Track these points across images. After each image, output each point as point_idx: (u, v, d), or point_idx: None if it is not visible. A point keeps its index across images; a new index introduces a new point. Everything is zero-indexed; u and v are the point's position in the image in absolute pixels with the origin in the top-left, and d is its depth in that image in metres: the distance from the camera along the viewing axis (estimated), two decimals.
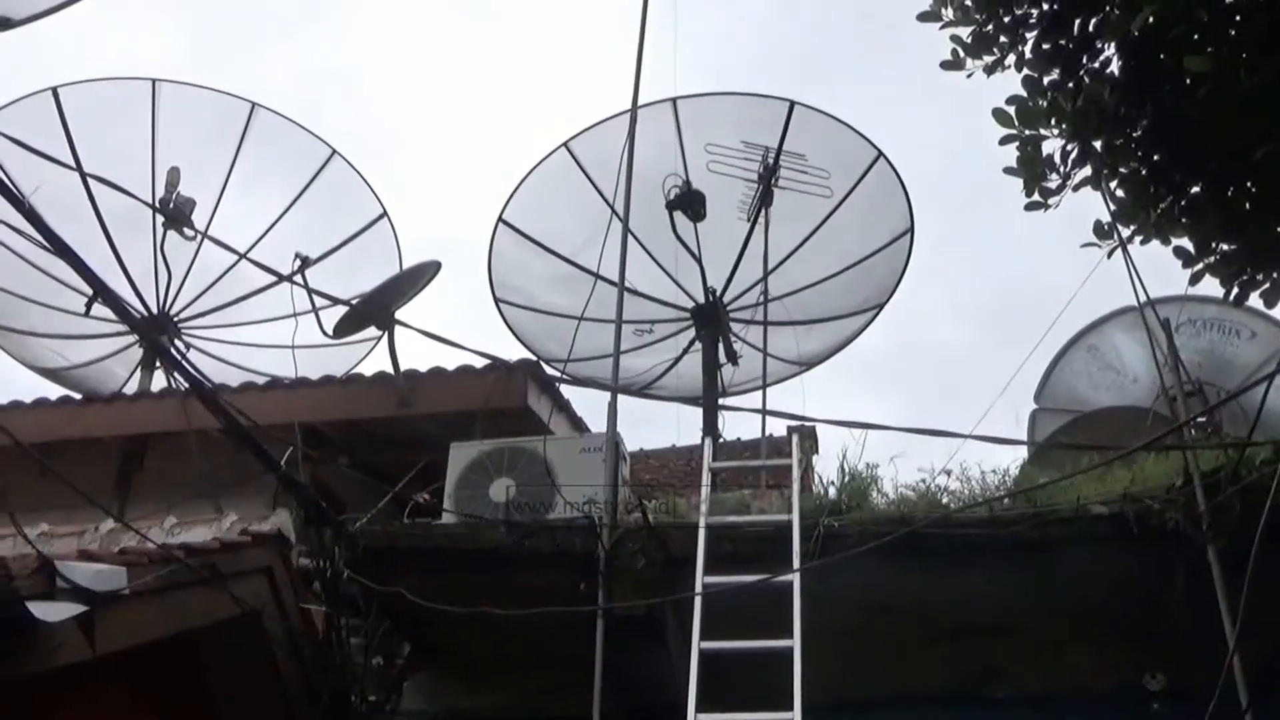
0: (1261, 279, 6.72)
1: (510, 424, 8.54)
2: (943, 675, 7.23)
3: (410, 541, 6.87)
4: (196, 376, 6.94)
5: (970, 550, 6.53)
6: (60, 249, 4.61)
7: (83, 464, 8.84)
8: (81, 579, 5.49)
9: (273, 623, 6.90)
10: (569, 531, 6.67)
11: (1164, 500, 6.31)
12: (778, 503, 7.18)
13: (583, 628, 6.54)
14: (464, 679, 7.80)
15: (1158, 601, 6.72)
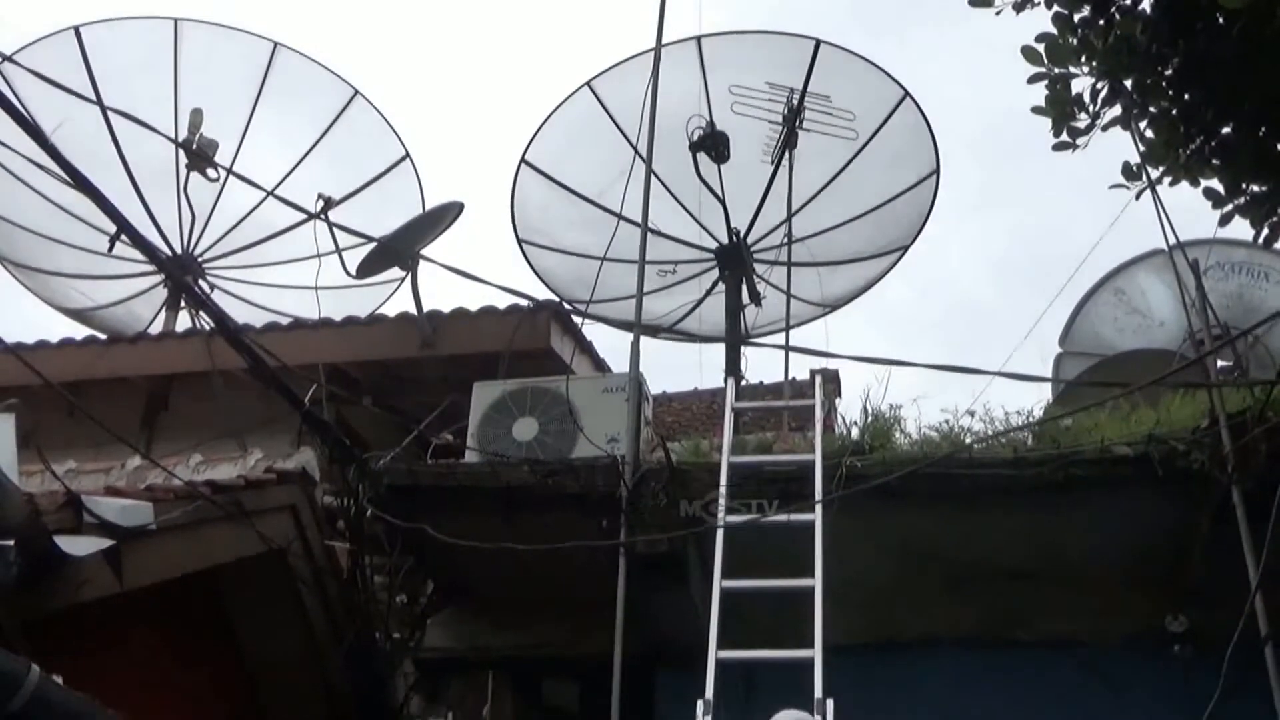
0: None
1: (533, 365, 8.54)
2: (965, 618, 7.23)
3: (434, 480, 6.88)
4: (221, 316, 6.95)
5: (993, 492, 6.51)
6: (81, 183, 4.61)
7: (109, 404, 8.90)
8: (108, 514, 5.54)
9: (297, 560, 6.95)
10: (591, 471, 6.67)
11: (1189, 442, 6.27)
12: (801, 444, 7.17)
13: (605, 568, 6.56)
14: (487, 618, 7.85)
15: (1181, 544, 6.70)
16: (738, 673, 6.12)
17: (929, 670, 7.08)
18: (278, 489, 6.90)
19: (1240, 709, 6.32)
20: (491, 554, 7.11)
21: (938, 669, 7.08)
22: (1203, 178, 6.82)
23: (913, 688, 7.06)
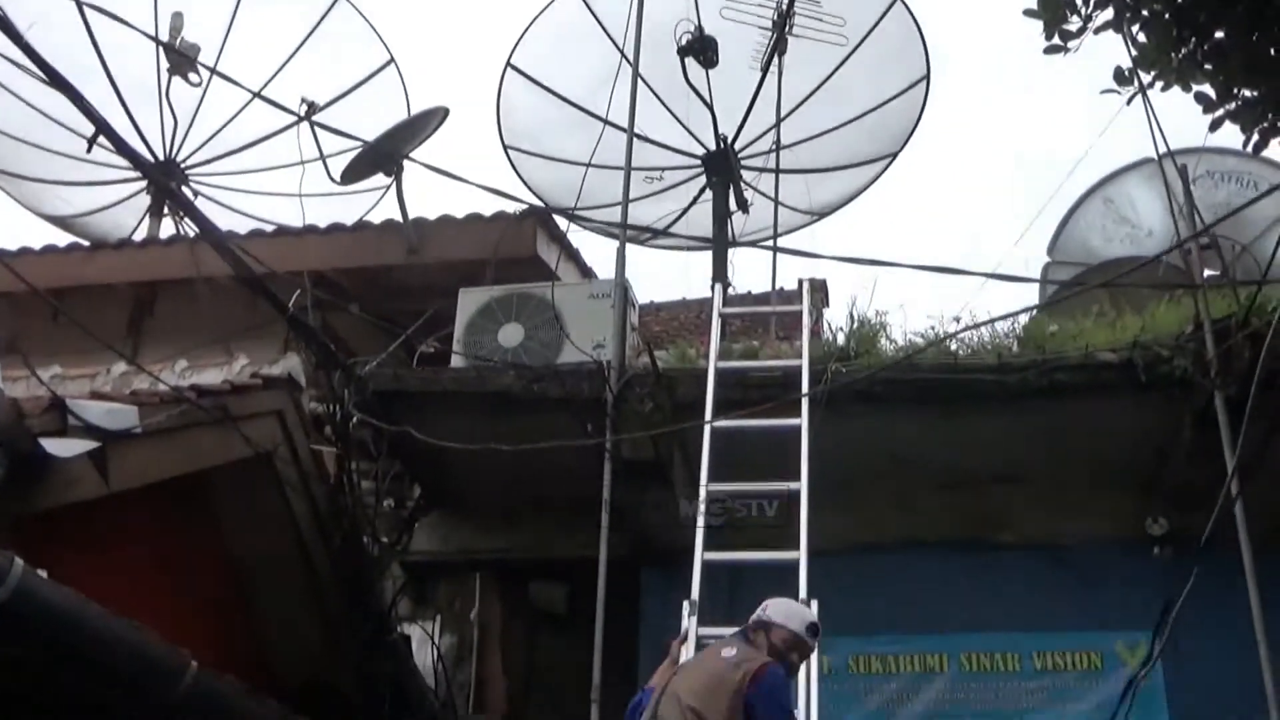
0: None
1: (519, 272, 8.49)
2: (949, 522, 7.32)
3: (420, 385, 6.88)
4: (206, 221, 6.89)
5: (978, 398, 6.55)
6: (57, 81, 4.53)
7: (94, 311, 8.83)
8: (93, 417, 5.53)
9: (284, 464, 6.95)
10: (577, 376, 6.68)
11: (1173, 348, 6.30)
12: (787, 352, 7.18)
13: (591, 472, 6.60)
14: (474, 522, 7.92)
15: (1164, 449, 6.76)
16: (723, 574, 6.18)
17: (912, 572, 7.17)
18: (264, 394, 6.88)
19: (1218, 609, 6.44)
20: (477, 458, 7.14)
21: (921, 571, 7.17)
22: (1194, 82, 6.75)
23: (896, 589, 7.16)
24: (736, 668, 4.59)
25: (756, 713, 4.50)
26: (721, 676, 4.57)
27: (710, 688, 4.53)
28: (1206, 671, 6.66)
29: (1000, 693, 6.93)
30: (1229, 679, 6.38)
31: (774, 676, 4.60)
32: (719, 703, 4.47)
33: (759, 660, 4.64)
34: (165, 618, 4.09)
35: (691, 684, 4.59)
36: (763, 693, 4.51)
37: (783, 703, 4.59)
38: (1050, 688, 6.82)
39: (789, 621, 4.85)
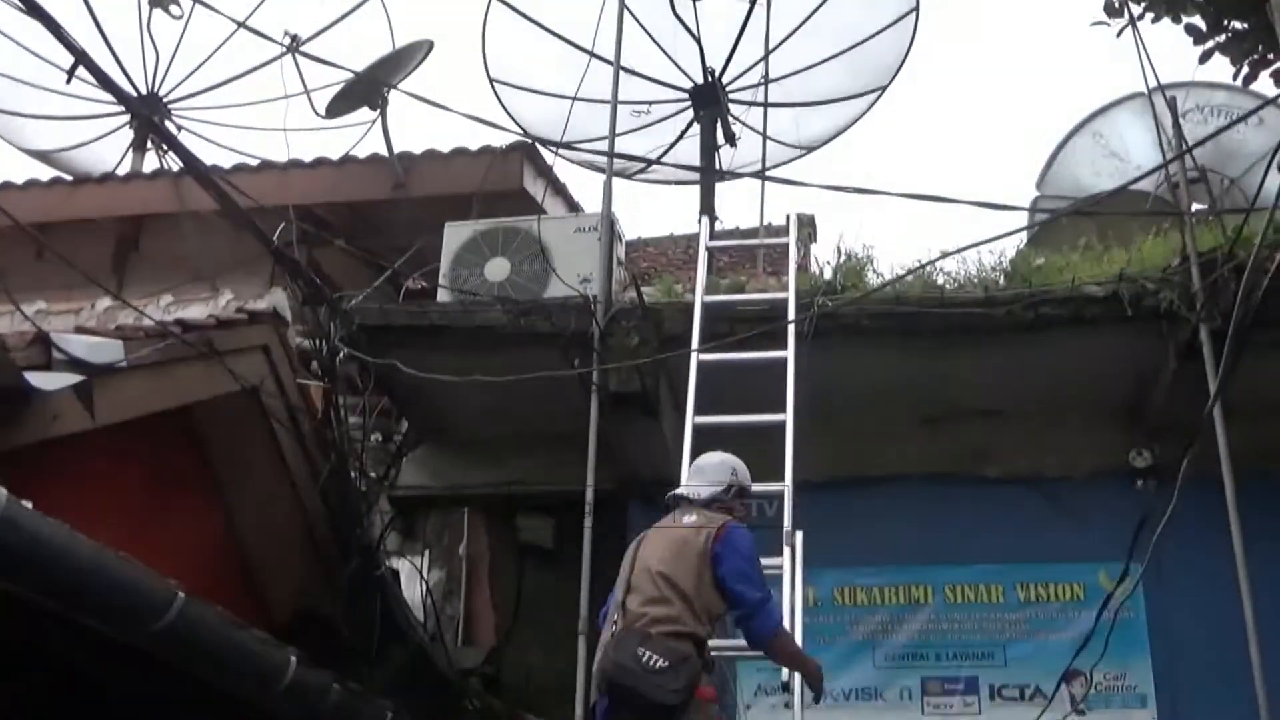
0: (1273, 58, 6.57)
1: (506, 207, 8.46)
2: (934, 455, 7.36)
3: (406, 320, 6.87)
4: (190, 155, 6.82)
5: (964, 331, 6.56)
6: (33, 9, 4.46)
7: (77, 246, 8.75)
8: (77, 351, 5.51)
9: (271, 399, 6.94)
10: (564, 310, 6.66)
11: (1159, 281, 6.30)
12: (774, 286, 7.17)
13: (578, 406, 6.60)
14: (462, 456, 7.93)
15: (1148, 382, 6.79)
16: None
17: (897, 505, 7.22)
18: (249, 329, 6.86)
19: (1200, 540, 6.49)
20: (464, 392, 7.14)
21: (907, 504, 7.22)
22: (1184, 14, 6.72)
23: (881, 522, 7.20)
24: (699, 531, 4.75)
25: (722, 565, 4.63)
26: (685, 540, 4.73)
27: (677, 552, 4.68)
28: (1188, 601, 6.74)
29: (984, 623, 7.01)
30: (1210, 608, 6.47)
31: (735, 531, 4.78)
32: (687, 564, 4.63)
33: (719, 520, 4.80)
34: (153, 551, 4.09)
35: (660, 553, 4.72)
36: (727, 547, 4.67)
37: (744, 553, 4.72)
38: (1033, 618, 6.90)
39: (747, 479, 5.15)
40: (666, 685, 4.30)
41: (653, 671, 4.32)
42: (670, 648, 4.40)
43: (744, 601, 4.62)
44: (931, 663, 6.97)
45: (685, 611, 4.52)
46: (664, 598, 4.53)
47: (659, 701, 4.30)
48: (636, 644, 4.41)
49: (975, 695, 6.86)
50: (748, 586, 4.63)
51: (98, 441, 5.72)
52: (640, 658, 4.36)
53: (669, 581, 4.56)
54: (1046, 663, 6.60)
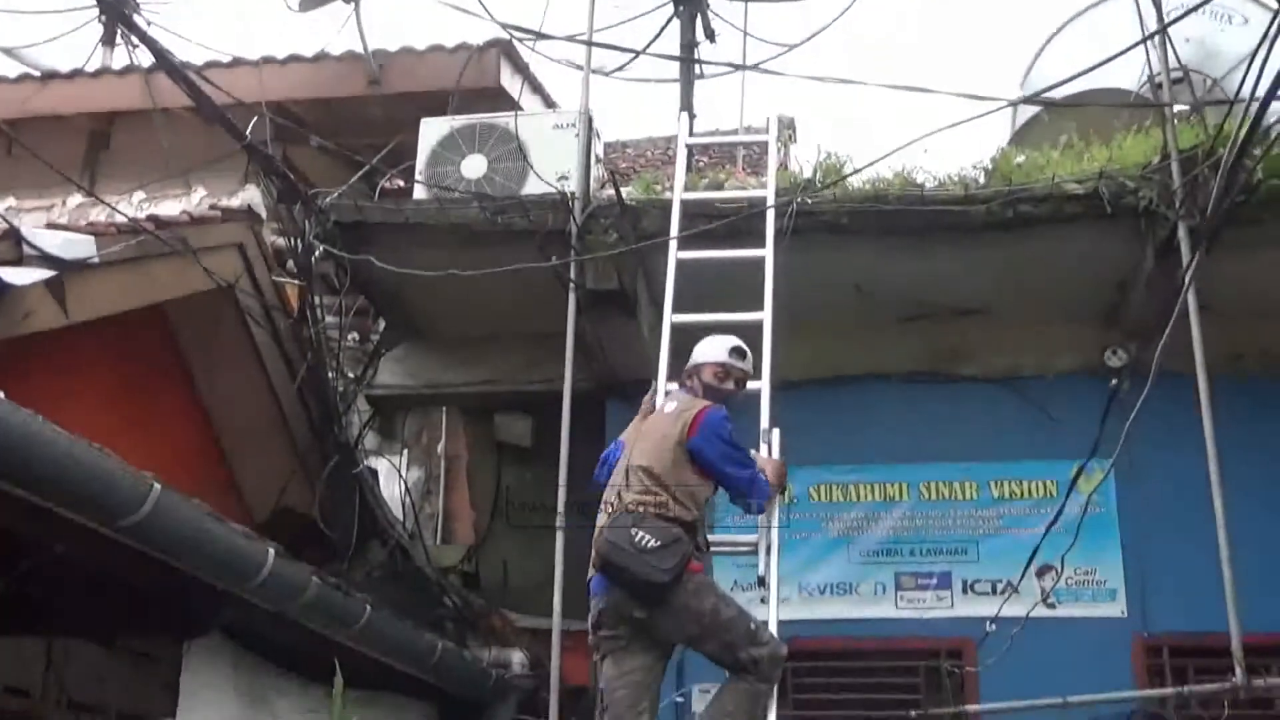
0: None
1: (483, 105, 8.32)
2: (911, 354, 7.38)
3: (382, 217, 6.80)
4: (162, 50, 6.68)
5: (943, 229, 6.53)
6: None
7: (48, 143, 8.61)
8: (49, 246, 5.45)
9: (246, 296, 6.92)
10: (541, 207, 6.60)
11: (1139, 178, 6.27)
12: (754, 185, 7.11)
13: (556, 304, 6.56)
14: (440, 356, 7.92)
15: (1126, 281, 6.80)
16: None
17: (874, 403, 7.26)
18: (224, 226, 6.80)
19: (1171, 437, 6.55)
20: (441, 291, 7.12)
21: (883, 402, 7.26)
22: None
23: (858, 420, 7.25)
24: (676, 420, 4.85)
25: (703, 456, 4.77)
26: (665, 432, 4.83)
27: (657, 444, 4.81)
28: (1158, 498, 6.82)
29: (957, 520, 7.09)
30: (1180, 504, 6.53)
31: (710, 417, 4.84)
32: (665, 456, 4.75)
33: (695, 407, 4.88)
34: (131, 449, 4.08)
35: (644, 446, 4.85)
36: (703, 436, 4.77)
37: (724, 436, 4.82)
38: (1006, 515, 6.98)
39: (711, 355, 5.12)
40: (658, 565, 4.48)
41: (645, 551, 4.50)
42: (662, 529, 4.57)
43: (735, 482, 4.82)
44: (906, 558, 7.06)
45: (671, 500, 4.66)
46: (650, 489, 4.68)
47: (650, 580, 4.49)
48: (630, 525, 4.58)
49: (948, 590, 6.96)
50: (735, 467, 4.81)
51: (73, 338, 5.69)
52: (634, 538, 4.53)
53: (652, 475, 4.71)
54: (1018, 558, 6.68)
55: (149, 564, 4.23)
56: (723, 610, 4.63)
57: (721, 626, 4.62)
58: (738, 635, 4.63)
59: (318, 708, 5.73)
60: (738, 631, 4.64)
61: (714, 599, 4.64)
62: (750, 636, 4.65)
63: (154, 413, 6.87)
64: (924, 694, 6.73)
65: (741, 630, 4.64)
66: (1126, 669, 6.60)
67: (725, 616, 4.63)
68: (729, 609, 4.66)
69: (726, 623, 4.62)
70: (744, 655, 4.62)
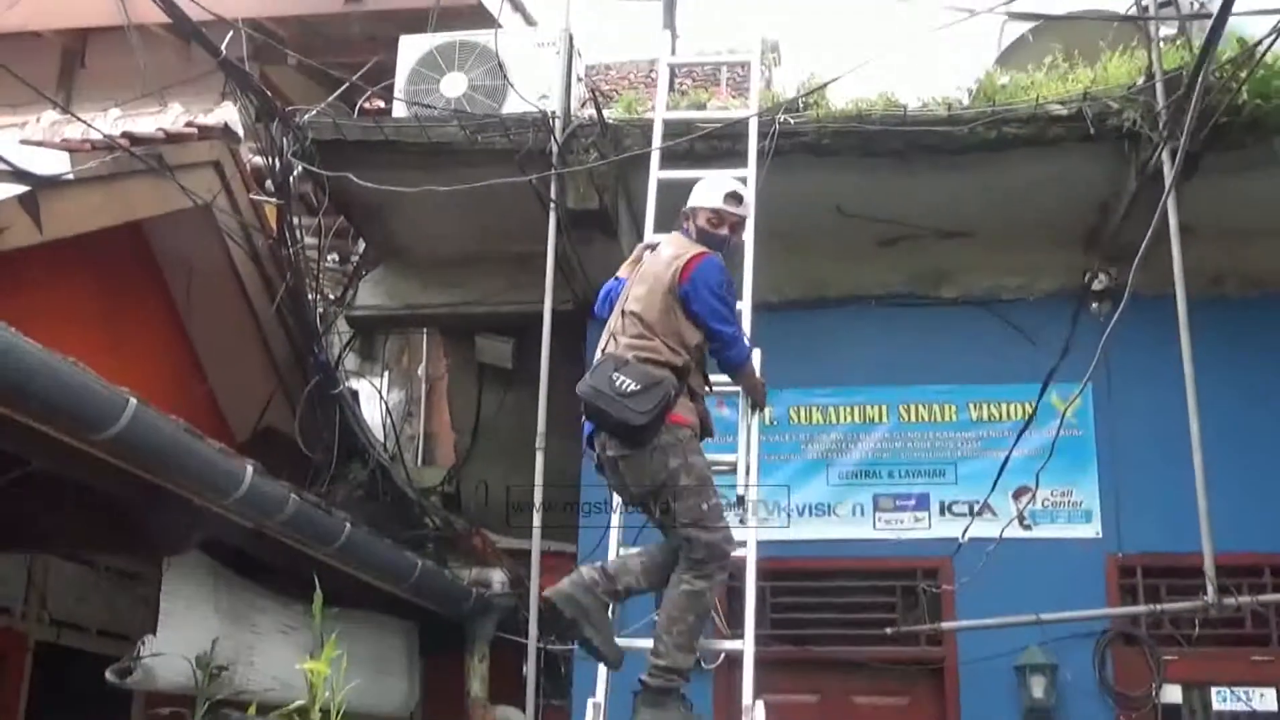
0: None
1: (463, 23, 8.18)
2: (894, 276, 7.37)
3: (360, 134, 6.71)
4: None
5: (926, 150, 6.49)
6: None
7: (22, 59, 8.50)
8: (22, 161, 5.40)
9: (224, 216, 6.87)
10: (521, 126, 6.52)
11: (1123, 100, 6.23)
12: (736, 105, 7.05)
13: (536, 225, 6.52)
14: (419, 277, 7.88)
15: (1108, 204, 6.79)
16: None
17: (857, 327, 7.26)
18: (200, 144, 6.73)
19: (1150, 362, 6.59)
20: (421, 212, 7.09)
21: (864, 325, 7.27)
22: None
23: (839, 343, 7.25)
24: (669, 265, 4.76)
25: (693, 303, 4.70)
26: (658, 277, 4.76)
27: (650, 288, 4.75)
28: (1136, 421, 6.86)
29: (936, 442, 7.11)
30: (1157, 428, 6.59)
31: (703, 265, 4.75)
32: (655, 302, 4.70)
33: (689, 253, 4.78)
34: (111, 367, 4.06)
35: (637, 291, 4.80)
36: (692, 284, 4.69)
37: (713, 287, 4.73)
38: (984, 437, 7.01)
39: (706, 199, 5.00)
40: (634, 408, 4.44)
41: (622, 395, 4.47)
42: (644, 372, 4.53)
43: (718, 336, 4.75)
44: (884, 480, 7.09)
45: (661, 344, 4.64)
46: (641, 334, 4.67)
47: (625, 422, 4.45)
48: (612, 369, 4.56)
49: (926, 511, 7.00)
50: (720, 323, 4.74)
51: (48, 256, 5.64)
52: (614, 382, 4.51)
53: (641, 320, 4.69)
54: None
55: (127, 479, 4.22)
56: (682, 477, 4.52)
57: (675, 492, 4.51)
58: (686, 508, 4.51)
59: (298, 624, 5.77)
60: (687, 504, 4.51)
61: (681, 461, 4.52)
62: (697, 516, 4.50)
63: (133, 332, 6.84)
64: (900, 613, 6.81)
65: (691, 504, 4.51)
66: (1100, 589, 6.67)
67: (682, 483, 4.51)
68: (690, 479, 4.53)
69: (681, 490, 4.50)
70: (683, 531, 4.51)
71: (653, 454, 4.51)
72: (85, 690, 5.80)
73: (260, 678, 5.38)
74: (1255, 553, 6.54)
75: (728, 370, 4.96)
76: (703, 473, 4.59)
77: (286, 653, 5.43)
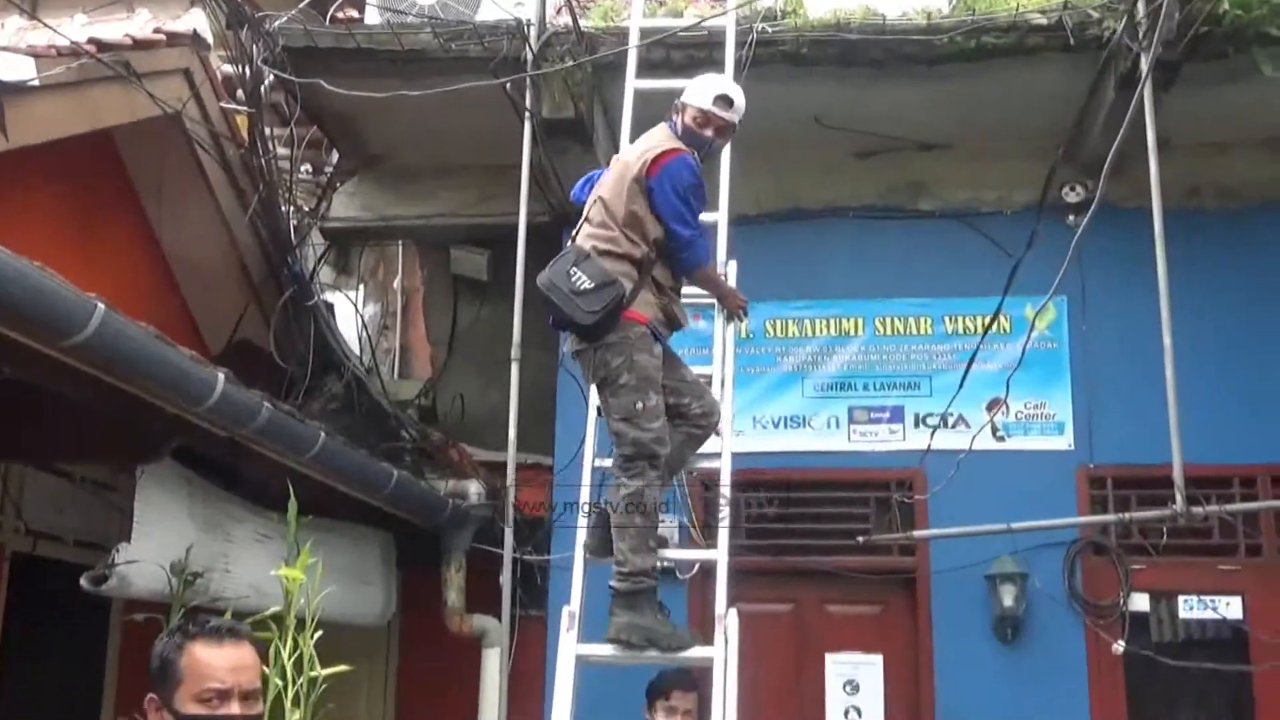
0: None
1: None
2: (871, 189, 7.35)
3: (332, 42, 6.60)
4: None
5: (904, 60, 6.43)
6: None
7: None
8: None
9: (194, 125, 6.77)
10: (496, 33, 6.43)
11: (1103, 9, 6.18)
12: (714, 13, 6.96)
13: (511, 134, 6.45)
14: (393, 188, 7.82)
15: (1086, 115, 6.76)
16: None
17: (833, 239, 7.25)
18: (169, 51, 6.62)
19: (1125, 275, 6.61)
20: (395, 121, 7.03)
21: (842, 238, 7.25)
22: None
23: (815, 255, 7.24)
24: (640, 155, 4.80)
25: (655, 198, 4.74)
26: (628, 165, 4.80)
27: (619, 175, 4.80)
28: (1110, 333, 6.89)
29: (911, 355, 7.13)
30: (1131, 340, 6.62)
31: (674, 162, 4.78)
32: (620, 189, 4.75)
33: (663, 147, 4.81)
34: (82, 278, 4.00)
35: (609, 177, 4.86)
36: (659, 180, 4.73)
37: (679, 187, 4.76)
38: (959, 350, 7.00)
39: (696, 97, 5.01)
40: (584, 306, 4.54)
41: (575, 293, 4.57)
42: (600, 269, 4.59)
43: (675, 237, 4.77)
44: (859, 392, 7.11)
45: (621, 235, 4.69)
46: (604, 222, 4.73)
47: (575, 320, 4.57)
48: (571, 263, 4.64)
49: (900, 423, 7.04)
50: (679, 223, 4.76)
51: (15, 164, 5.55)
52: (570, 277, 4.59)
53: (607, 208, 4.74)
54: (971, 392, 6.76)
55: (98, 387, 4.20)
56: (624, 375, 4.62)
57: (614, 388, 4.63)
58: (620, 404, 4.64)
59: (274, 534, 5.76)
60: (622, 401, 4.63)
61: (624, 359, 4.62)
62: (630, 413, 4.63)
63: (105, 244, 6.77)
64: (873, 524, 6.86)
65: (626, 402, 4.63)
66: (1072, 500, 6.73)
67: (621, 382, 4.62)
68: (630, 378, 4.62)
69: (619, 388, 4.63)
70: (614, 426, 4.67)
71: (598, 350, 4.62)
72: (63, 600, 5.81)
73: (236, 585, 5.39)
74: (1224, 464, 6.62)
75: (684, 273, 4.97)
76: (645, 372, 4.65)
77: (262, 562, 5.43)
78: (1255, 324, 6.85)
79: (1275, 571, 6.61)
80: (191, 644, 2.84)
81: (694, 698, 5.24)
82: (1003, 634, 6.59)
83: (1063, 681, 6.49)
